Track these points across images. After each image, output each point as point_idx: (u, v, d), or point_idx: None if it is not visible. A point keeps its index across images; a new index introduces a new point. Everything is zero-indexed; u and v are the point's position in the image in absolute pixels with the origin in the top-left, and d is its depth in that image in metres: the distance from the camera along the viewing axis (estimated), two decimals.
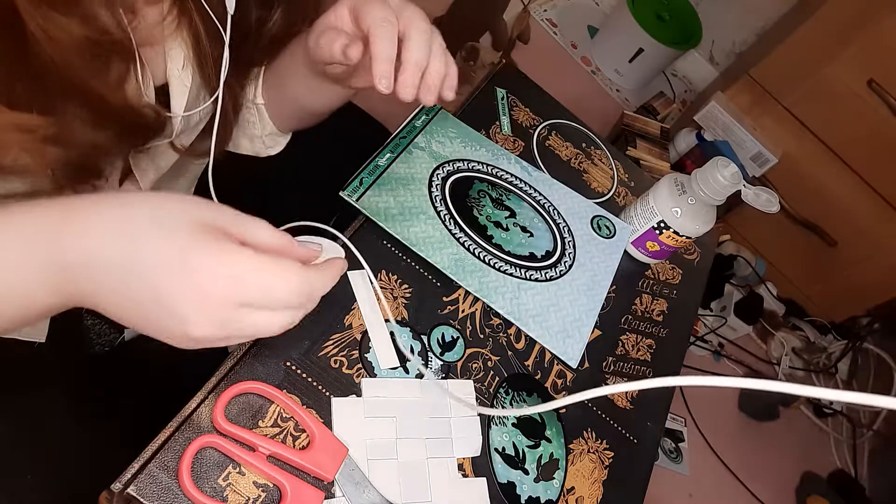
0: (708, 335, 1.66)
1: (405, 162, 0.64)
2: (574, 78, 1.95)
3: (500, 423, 0.56)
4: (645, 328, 0.70)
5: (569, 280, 0.66)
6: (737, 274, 1.71)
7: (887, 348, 1.67)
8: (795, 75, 1.49)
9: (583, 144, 0.82)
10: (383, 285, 0.57)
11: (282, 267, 0.36)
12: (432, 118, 0.69)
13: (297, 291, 0.36)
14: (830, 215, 1.60)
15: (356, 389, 0.51)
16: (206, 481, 0.42)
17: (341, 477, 0.46)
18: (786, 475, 1.58)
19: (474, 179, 0.68)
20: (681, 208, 0.68)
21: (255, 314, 0.36)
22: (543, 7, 2.01)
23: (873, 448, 1.68)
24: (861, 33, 1.36)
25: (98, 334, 0.73)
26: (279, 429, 0.46)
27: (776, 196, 0.67)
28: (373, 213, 0.59)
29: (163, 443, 0.42)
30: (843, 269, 1.65)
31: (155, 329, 0.37)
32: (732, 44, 2.04)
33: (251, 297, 0.35)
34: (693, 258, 0.81)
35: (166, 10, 0.46)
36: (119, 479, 0.40)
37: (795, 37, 1.46)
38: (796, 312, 1.76)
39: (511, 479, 0.53)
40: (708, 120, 1.61)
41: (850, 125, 1.47)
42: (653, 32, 1.82)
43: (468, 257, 0.62)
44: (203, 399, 0.45)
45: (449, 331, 0.58)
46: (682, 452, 1.45)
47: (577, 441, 0.59)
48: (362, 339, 0.53)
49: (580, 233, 0.71)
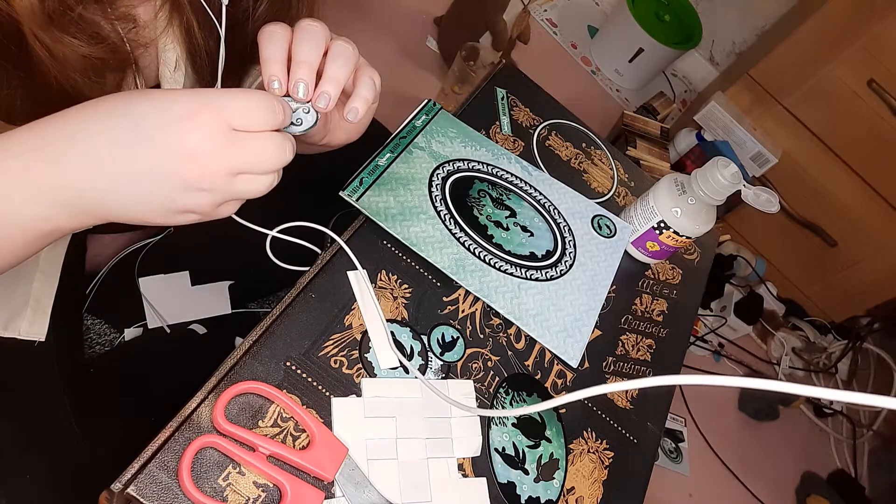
0: (708, 335, 1.66)
1: (405, 162, 0.64)
2: (574, 78, 1.95)
3: (500, 423, 0.55)
4: (645, 328, 0.70)
5: (569, 279, 0.66)
6: (737, 274, 1.71)
7: (887, 348, 1.67)
8: (795, 75, 1.49)
9: (583, 144, 0.82)
10: (383, 285, 0.57)
11: (257, 93, 0.39)
12: (433, 118, 0.69)
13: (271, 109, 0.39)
14: (830, 215, 1.60)
15: (356, 389, 0.51)
16: (206, 481, 0.42)
17: (341, 477, 0.46)
18: (786, 475, 1.58)
19: (475, 179, 0.68)
20: (681, 208, 0.68)
21: (245, 141, 0.38)
22: (543, 7, 2.01)
23: (873, 448, 1.68)
24: (861, 33, 1.36)
25: (98, 334, 0.73)
26: (279, 429, 0.46)
27: (776, 196, 0.67)
28: (373, 212, 0.59)
29: (163, 443, 0.42)
30: (843, 269, 1.65)
31: (150, 192, 0.37)
32: (732, 44, 2.04)
33: (234, 119, 0.37)
34: (693, 258, 0.81)
35: (158, 5, 0.46)
36: (119, 479, 0.40)
37: (795, 37, 1.46)
38: (796, 312, 1.76)
39: (511, 479, 0.53)
40: (708, 120, 1.61)
41: (850, 125, 1.47)
42: (653, 32, 1.82)
43: (468, 257, 0.62)
44: (203, 399, 0.45)
45: (449, 331, 0.58)
46: (682, 452, 1.45)
47: (577, 441, 0.59)
48: (362, 339, 0.53)
49: (581, 232, 0.71)
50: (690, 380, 0.33)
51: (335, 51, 0.45)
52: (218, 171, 0.37)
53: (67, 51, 0.38)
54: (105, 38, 0.41)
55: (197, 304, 0.78)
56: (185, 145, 0.36)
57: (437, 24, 1.68)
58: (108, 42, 0.41)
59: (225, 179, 0.38)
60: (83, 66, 0.40)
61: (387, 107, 0.63)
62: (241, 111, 0.38)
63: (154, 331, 0.75)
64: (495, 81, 0.79)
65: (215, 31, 0.48)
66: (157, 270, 0.77)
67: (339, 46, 0.45)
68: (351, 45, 0.46)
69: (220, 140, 0.37)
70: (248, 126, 0.38)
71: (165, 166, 0.36)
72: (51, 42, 0.37)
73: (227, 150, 0.37)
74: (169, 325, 0.75)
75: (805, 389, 0.30)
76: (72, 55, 0.39)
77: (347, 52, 0.45)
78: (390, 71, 1.58)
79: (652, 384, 0.35)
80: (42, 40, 0.37)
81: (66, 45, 0.38)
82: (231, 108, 0.37)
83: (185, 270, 0.78)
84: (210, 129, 0.36)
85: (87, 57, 0.40)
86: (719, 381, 0.32)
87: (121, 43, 0.42)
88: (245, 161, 0.38)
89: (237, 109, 0.37)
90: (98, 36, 0.40)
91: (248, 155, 0.38)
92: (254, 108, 0.38)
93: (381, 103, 0.53)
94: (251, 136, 0.38)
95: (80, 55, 0.39)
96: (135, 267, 0.76)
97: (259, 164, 0.39)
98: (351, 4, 1.61)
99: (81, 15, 0.39)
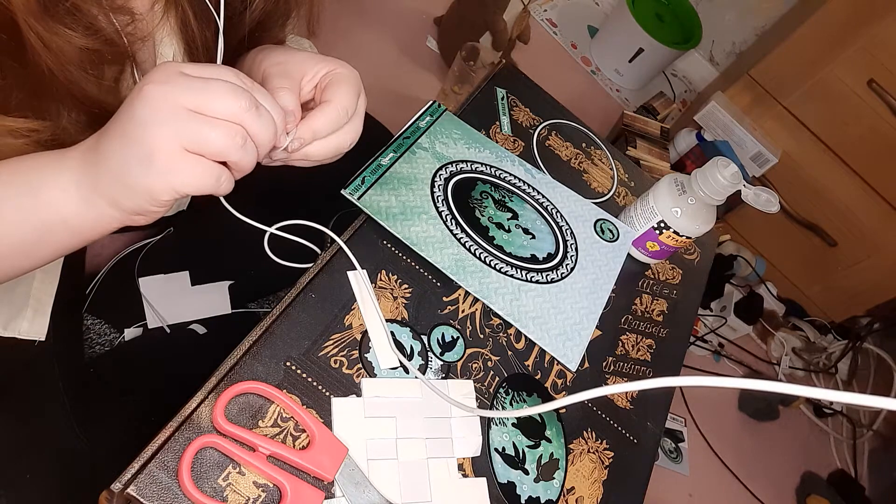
0: (708, 335, 1.66)
1: (408, 162, 0.64)
2: (574, 78, 1.95)
3: (500, 423, 0.55)
4: (645, 328, 0.70)
5: (570, 283, 0.66)
6: (737, 274, 1.71)
7: (887, 348, 1.67)
8: (795, 75, 1.49)
9: (583, 144, 0.82)
10: (383, 285, 0.57)
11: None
12: (437, 119, 0.69)
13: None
14: (830, 215, 1.60)
15: (356, 389, 0.51)
16: (206, 481, 0.42)
17: (341, 477, 0.46)
18: (786, 475, 1.58)
19: (477, 181, 0.68)
20: (681, 208, 0.68)
21: (197, 80, 0.38)
22: (543, 7, 2.01)
23: (873, 448, 1.68)
24: (861, 33, 1.36)
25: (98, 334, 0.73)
26: (279, 429, 0.46)
27: (776, 196, 0.67)
28: (374, 211, 0.59)
29: (163, 443, 0.42)
30: (843, 269, 1.65)
31: (138, 160, 0.38)
32: (732, 44, 2.04)
33: (187, 68, 0.38)
34: (693, 258, 0.81)
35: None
36: (119, 479, 0.40)
37: (795, 37, 1.46)
38: (796, 312, 1.76)
39: (511, 479, 0.53)
40: (708, 120, 1.61)
41: (850, 125, 1.47)
42: (653, 32, 1.82)
43: (469, 258, 0.62)
44: (203, 399, 0.45)
45: (449, 331, 0.58)
46: (682, 452, 1.45)
47: (577, 441, 0.59)
48: (362, 339, 0.53)
49: (583, 236, 0.71)
50: (690, 381, 0.33)
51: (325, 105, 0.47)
52: (168, 102, 0.37)
53: (62, 42, 0.38)
54: (100, 29, 0.41)
55: (197, 304, 0.78)
56: (139, 89, 0.37)
57: (437, 24, 1.68)
58: (103, 34, 0.41)
59: (178, 110, 0.37)
60: (79, 59, 0.40)
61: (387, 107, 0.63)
62: (193, 68, 0.39)
63: (154, 331, 0.75)
64: (495, 81, 0.79)
65: (212, 24, 0.48)
66: (157, 270, 0.77)
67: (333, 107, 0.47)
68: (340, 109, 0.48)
69: (172, 78, 0.37)
70: (201, 73, 0.39)
71: (123, 115, 0.38)
72: (45, 33, 0.37)
73: (177, 82, 0.37)
74: (169, 325, 0.75)
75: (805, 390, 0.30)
76: (67, 47, 0.39)
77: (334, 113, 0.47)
78: (390, 71, 1.58)
79: (652, 386, 0.35)
80: (36, 31, 0.37)
81: (61, 36, 0.38)
82: (190, 67, 0.39)
83: (185, 270, 0.78)
84: (162, 72, 0.38)
85: (83, 49, 0.40)
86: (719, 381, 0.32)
87: (117, 35, 0.42)
88: (197, 92, 0.38)
89: (195, 68, 0.39)
90: (93, 27, 0.40)
91: (198, 85, 0.38)
92: (207, 67, 0.39)
93: (381, 103, 0.53)
94: (204, 78, 0.39)
95: (75, 47, 0.39)
96: (135, 267, 0.76)
97: (211, 100, 0.38)
98: (351, 4, 1.61)
99: (76, 5, 0.39)
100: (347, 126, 0.48)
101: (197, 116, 0.37)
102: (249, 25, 0.52)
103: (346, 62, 0.50)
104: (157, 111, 0.37)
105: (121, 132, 0.37)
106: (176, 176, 0.37)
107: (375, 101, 0.62)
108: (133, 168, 0.37)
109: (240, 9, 0.50)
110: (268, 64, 0.49)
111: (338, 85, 0.48)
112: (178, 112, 0.37)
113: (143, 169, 0.37)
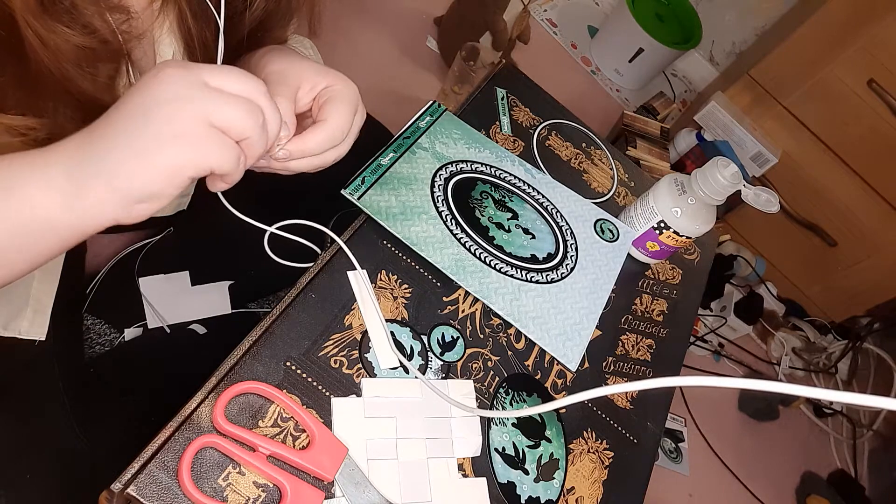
0: (708, 335, 1.66)
1: (408, 162, 0.64)
2: (574, 78, 1.95)
3: (500, 423, 0.55)
4: (645, 328, 0.70)
5: (570, 283, 0.66)
6: (737, 274, 1.71)
7: (887, 348, 1.67)
8: (795, 75, 1.49)
9: (583, 144, 0.82)
10: (383, 285, 0.57)
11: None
12: (437, 119, 0.69)
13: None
14: (830, 215, 1.60)
15: (356, 389, 0.51)
16: (206, 481, 0.42)
17: (341, 477, 0.46)
18: (786, 475, 1.58)
19: (477, 181, 0.68)
20: (681, 208, 0.68)
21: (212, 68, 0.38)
22: (543, 7, 2.01)
23: (873, 448, 1.68)
24: (861, 33, 1.36)
25: (98, 334, 0.73)
26: (279, 429, 0.46)
27: (776, 196, 0.67)
28: (374, 211, 0.59)
29: (163, 443, 0.42)
30: (843, 269, 1.65)
31: (163, 137, 0.37)
32: (732, 44, 2.04)
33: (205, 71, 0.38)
34: (693, 258, 0.81)
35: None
36: (119, 479, 0.40)
37: (795, 37, 1.46)
38: (796, 312, 1.76)
39: (511, 479, 0.53)
40: (708, 120, 1.61)
41: (850, 125, 1.47)
42: (653, 32, 1.82)
43: (469, 258, 0.62)
44: (203, 399, 0.45)
45: (449, 331, 0.58)
46: (682, 452, 1.45)
47: (577, 441, 0.59)
48: (362, 339, 0.53)
49: (583, 236, 0.71)
50: (690, 381, 0.33)
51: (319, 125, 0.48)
52: (191, 79, 0.37)
53: (60, 40, 0.38)
54: (97, 28, 0.41)
55: (197, 304, 0.78)
56: (157, 73, 0.37)
57: (437, 24, 1.68)
58: (99, 33, 0.41)
59: (203, 87, 0.38)
60: (76, 57, 0.40)
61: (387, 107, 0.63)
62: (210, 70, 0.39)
63: (154, 331, 0.75)
64: (495, 81, 0.79)
65: (212, 23, 0.48)
66: (157, 270, 0.77)
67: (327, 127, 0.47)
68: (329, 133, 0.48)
69: (186, 64, 0.38)
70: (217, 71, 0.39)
71: (134, 99, 0.37)
72: (43, 31, 0.37)
73: (193, 65, 0.38)
74: (169, 325, 0.75)
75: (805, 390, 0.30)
76: (64, 45, 0.39)
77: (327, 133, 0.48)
78: (390, 71, 1.58)
79: (652, 386, 0.35)
80: (34, 29, 0.37)
81: (59, 34, 0.38)
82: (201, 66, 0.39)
83: (185, 270, 0.78)
84: (172, 61, 0.39)
85: (79, 47, 0.40)
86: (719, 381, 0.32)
87: (112, 34, 0.42)
88: (217, 72, 0.38)
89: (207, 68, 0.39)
90: (90, 26, 0.40)
91: (215, 66, 0.39)
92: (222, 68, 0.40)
93: (381, 103, 0.53)
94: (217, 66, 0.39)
95: (72, 45, 0.39)
96: (135, 267, 0.76)
97: (231, 80, 0.39)
98: (352, 4, 1.61)
99: (74, 4, 0.39)
100: (339, 146, 0.49)
101: (222, 93, 0.38)
102: (250, 25, 0.52)
103: (345, 76, 0.50)
104: (182, 88, 0.37)
105: (141, 112, 0.37)
106: (203, 151, 0.37)
107: (375, 101, 0.62)
108: (152, 146, 0.36)
109: (240, 8, 0.50)
110: (269, 70, 0.49)
111: (335, 103, 0.48)
112: (203, 89, 0.37)
113: (166, 146, 0.36)
